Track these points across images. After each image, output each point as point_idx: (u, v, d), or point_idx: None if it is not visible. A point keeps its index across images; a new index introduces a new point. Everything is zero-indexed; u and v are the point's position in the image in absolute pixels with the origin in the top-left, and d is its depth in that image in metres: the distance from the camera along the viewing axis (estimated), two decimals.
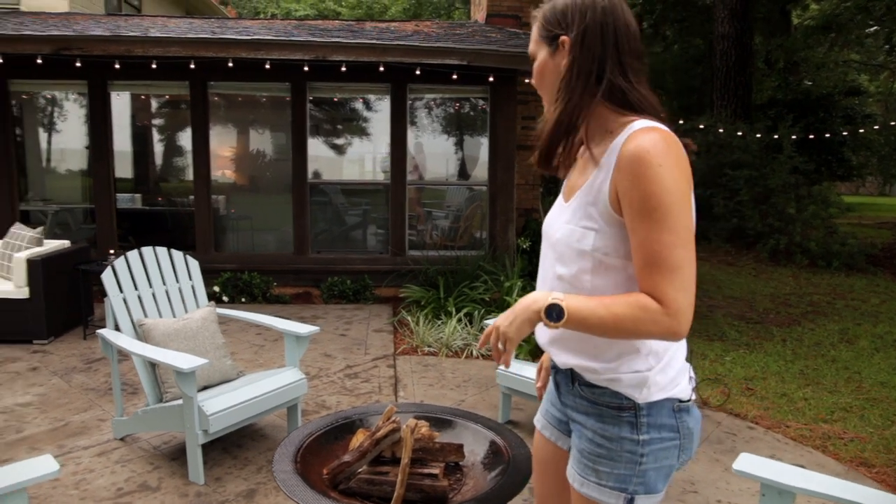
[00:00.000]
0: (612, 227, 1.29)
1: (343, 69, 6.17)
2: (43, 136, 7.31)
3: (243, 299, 6.57)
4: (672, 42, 15.69)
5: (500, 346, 1.32)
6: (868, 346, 5.98)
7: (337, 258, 7.09)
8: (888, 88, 22.52)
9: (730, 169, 10.43)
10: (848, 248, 10.14)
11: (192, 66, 6.07)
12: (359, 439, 2.47)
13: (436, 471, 2.41)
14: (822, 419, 4.13)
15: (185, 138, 7.07)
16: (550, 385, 1.61)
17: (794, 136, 10.44)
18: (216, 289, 6.59)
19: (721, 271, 9.42)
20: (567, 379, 1.45)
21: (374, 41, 6.01)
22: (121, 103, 7.02)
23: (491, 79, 6.42)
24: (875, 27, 17.99)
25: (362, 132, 7.54)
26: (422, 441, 2.46)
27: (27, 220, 7.01)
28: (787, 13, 16.49)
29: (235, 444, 3.33)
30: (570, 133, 1.34)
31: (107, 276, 3.24)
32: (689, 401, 1.38)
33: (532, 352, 4.91)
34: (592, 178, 1.32)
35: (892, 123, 13.94)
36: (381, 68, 6.16)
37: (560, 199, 1.47)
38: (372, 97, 7.31)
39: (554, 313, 1.25)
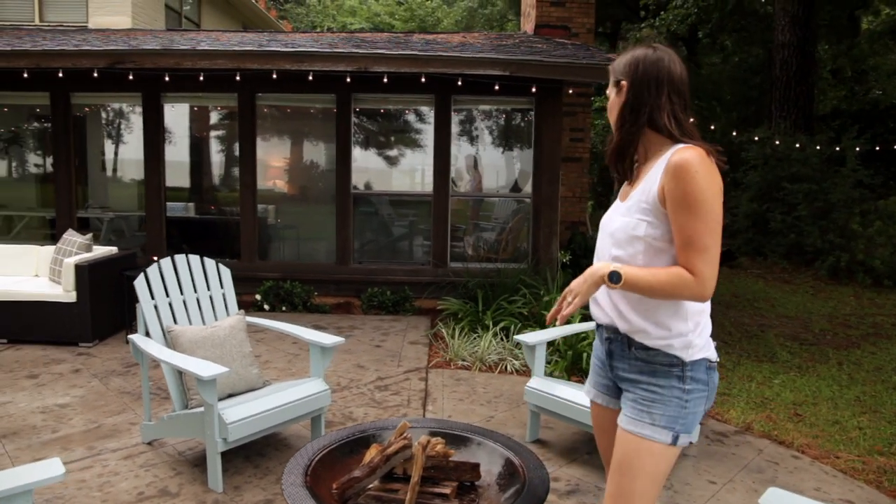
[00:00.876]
0: (658, 219, 1.73)
1: (385, 80, 6.19)
2: (102, 146, 7.61)
3: (284, 308, 6.65)
4: (731, 52, 15.25)
5: (568, 299, 1.74)
6: None
7: (378, 269, 7.11)
8: None
9: (788, 182, 10.01)
10: None
11: (238, 77, 6.20)
12: (372, 454, 2.42)
13: (447, 490, 2.33)
14: (879, 451, 3.86)
15: (235, 149, 7.23)
16: (596, 361, 2.03)
17: (857, 149, 9.95)
18: (258, 297, 6.69)
19: (776, 289, 9.03)
20: (623, 346, 1.83)
21: (415, 52, 6.02)
22: (174, 115, 7.24)
23: (534, 89, 6.33)
24: None
25: (407, 143, 7.56)
26: (435, 459, 2.39)
27: (86, 226, 7.30)
28: (855, 19, 15.82)
29: (258, 453, 3.33)
30: (626, 152, 1.82)
31: (139, 283, 3.30)
32: (716, 362, 1.81)
33: (568, 368, 4.78)
34: (644, 184, 1.77)
35: None
36: (423, 79, 6.15)
37: (617, 200, 1.91)
38: (416, 108, 7.33)
39: (615, 277, 1.67)
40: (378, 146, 7.52)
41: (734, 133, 10.93)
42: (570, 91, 7.28)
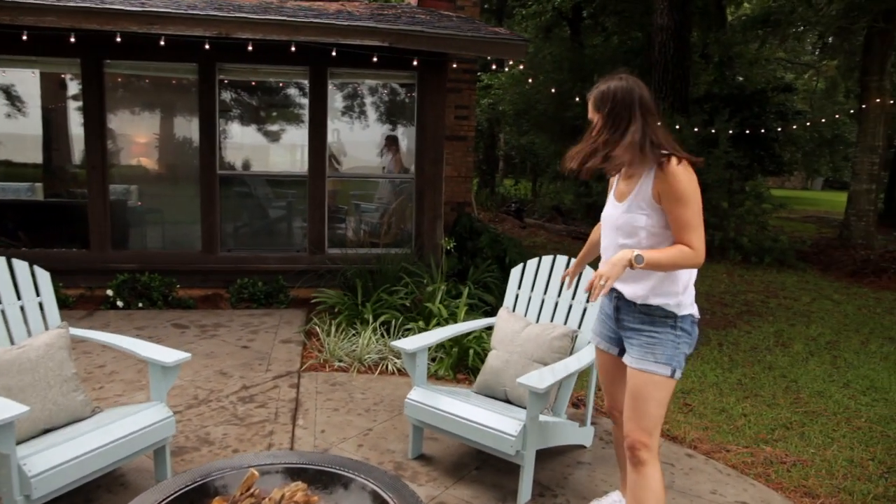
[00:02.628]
0: (654, 212, 2.22)
1: (251, 48, 5.54)
2: None
3: (141, 304, 5.89)
4: (612, 33, 15.50)
5: (600, 282, 2.09)
6: (802, 350, 5.80)
7: (249, 257, 6.47)
8: (812, 87, 23.14)
9: None
10: (780, 245, 10.13)
11: (74, 39, 5.33)
12: None
13: None
14: (763, 439, 3.83)
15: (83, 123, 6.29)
16: (602, 315, 2.56)
17: (731, 131, 10.33)
18: (109, 293, 5.88)
19: None
20: (630, 304, 2.34)
21: (283, 18, 5.40)
22: (9, 81, 6.20)
23: (416, 63, 5.90)
24: (802, 27, 18.44)
25: (281, 120, 6.92)
26: None
27: None
28: (722, 8, 16.54)
29: (85, 499, 2.74)
30: (594, 157, 2.20)
31: None
32: (698, 319, 2.34)
33: (454, 366, 4.46)
34: (638, 187, 2.24)
35: (823, 120, 14.13)
36: (294, 48, 5.56)
37: (613, 199, 2.39)
38: (290, 82, 6.70)
39: (639, 259, 2.10)
40: (248, 122, 6.83)
41: None
42: (455, 66, 6.90)
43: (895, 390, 4.88)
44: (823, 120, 14.53)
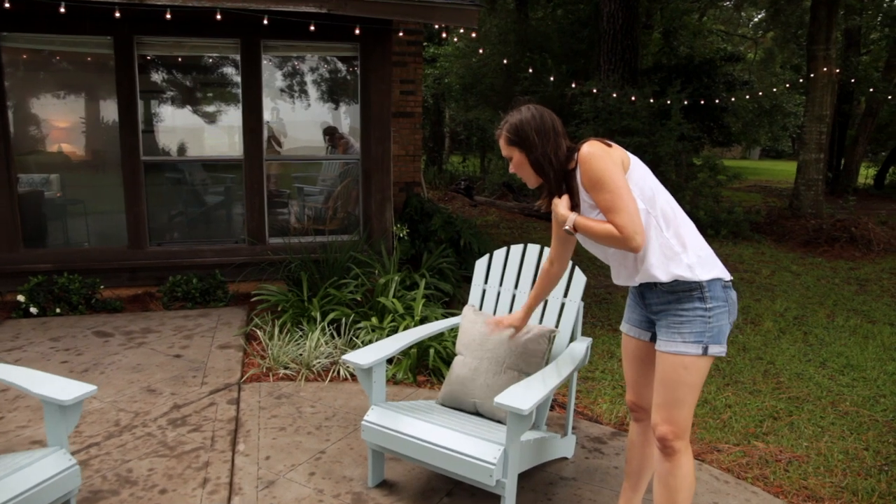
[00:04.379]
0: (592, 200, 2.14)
1: (169, 16, 4.90)
2: None
3: (59, 310, 5.24)
4: (557, 4, 15.10)
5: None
6: (773, 328, 5.60)
7: (182, 251, 5.87)
8: (750, 58, 23.42)
9: (620, 136, 9.96)
10: (734, 217, 10.02)
11: None
12: None
13: None
14: (753, 434, 3.55)
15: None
16: (631, 301, 2.40)
17: (685, 102, 10.11)
18: (21, 298, 5.22)
19: None
20: (650, 286, 2.20)
21: None
22: None
23: (358, 31, 5.36)
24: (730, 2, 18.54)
25: (212, 99, 6.29)
26: None
27: None
28: None
29: None
30: (560, 186, 2.23)
31: None
32: (731, 280, 2.17)
33: (413, 367, 4.03)
34: (578, 189, 2.18)
35: (774, 90, 14.13)
36: (219, 16, 4.94)
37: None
38: (221, 56, 6.07)
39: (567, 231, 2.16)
40: (176, 103, 6.18)
41: (573, 85, 10.69)
42: (401, 34, 6.39)
43: (871, 367, 4.71)
44: (775, 90, 14.53)
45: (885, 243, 9.41)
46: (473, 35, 9.70)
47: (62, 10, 4.56)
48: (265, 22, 5.06)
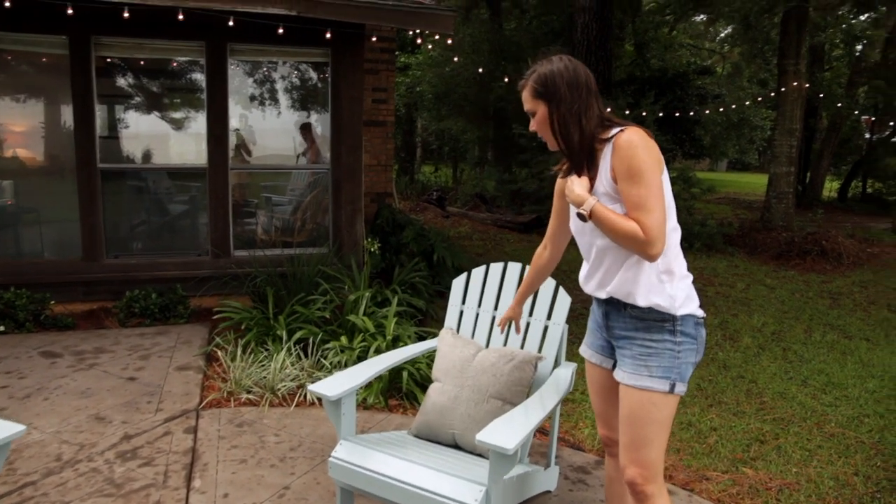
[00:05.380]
0: (613, 192, 1.89)
1: (128, 15, 4.63)
2: None
3: (2, 328, 4.89)
4: (533, 16, 15.05)
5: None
6: (752, 344, 5.50)
7: (141, 263, 5.57)
8: (719, 73, 23.77)
9: None
10: (707, 230, 10.00)
11: None
12: None
13: None
14: (741, 459, 3.40)
15: None
16: (592, 324, 2.23)
17: (660, 114, 10.08)
18: None
19: (578, 257, 8.85)
20: (618, 308, 2.01)
21: None
22: None
23: (329, 35, 5.15)
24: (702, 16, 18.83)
25: (176, 105, 6.00)
26: None
27: None
28: None
29: None
30: (583, 156, 1.95)
31: None
32: (703, 318, 1.98)
33: (385, 391, 3.81)
34: (600, 174, 1.92)
35: (747, 103, 14.24)
36: (182, 16, 4.69)
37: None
38: (186, 60, 5.79)
39: (581, 217, 1.90)
40: (138, 108, 5.87)
41: None
42: (374, 39, 6.20)
43: (852, 385, 4.63)
44: (747, 103, 14.66)
45: (854, 256, 9.47)
46: (449, 41, 9.54)
47: (7, 3, 4.26)
48: (231, 24, 4.82)
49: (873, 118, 20.02)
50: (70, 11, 4.57)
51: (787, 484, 3.17)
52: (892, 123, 18.80)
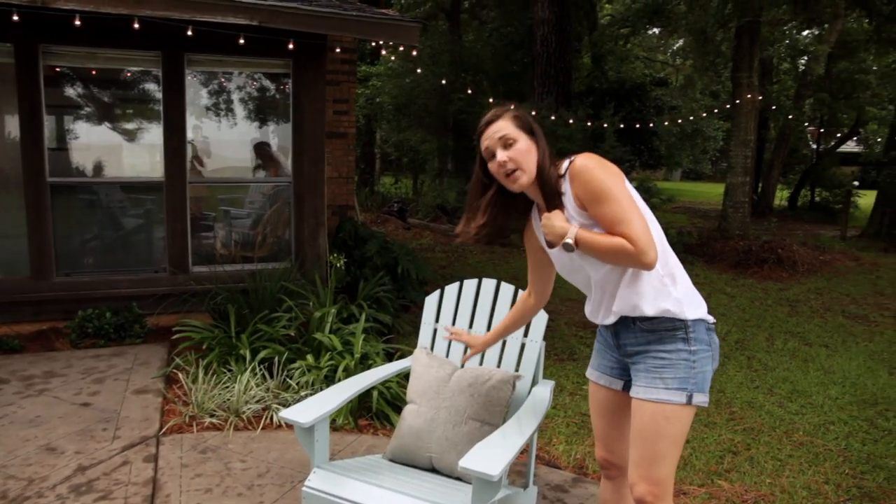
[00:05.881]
0: (586, 219, 1.89)
1: (79, 23, 4.44)
2: None
3: None
4: (493, 26, 15.15)
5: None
6: None
7: (95, 281, 5.33)
8: (673, 85, 24.37)
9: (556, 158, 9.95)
10: (668, 239, 10.13)
11: None
12: None
13: None
14: (716, 472, 3.39)
15: None
16: (599, 345, 2.18)
17: (622, 125, 10.22)
18: None
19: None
20: (627, 323, 1.97)
21: None
22: None
23: (291, 46, 5.04)
24: (656, 29, 19.29)
25: (131, 116, 5.79)
26: None
27: None
28: (594, 5, 16.74)
29: None
30: (556, 194, 1.94)
31: None
32: (714, 323, 1.96)
33: (355, 411, 3.70)
34: (567, 208, 1.93)
35: (704, 115, 14.56)
36: (137, 25, 4.52)
37: (548, 247, 2.07)
38: (141, 70, 5.60)
39: (568, 247, 1.85)
40: (90, 119, 5.65)
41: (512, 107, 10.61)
42: (339, 50, 6.10)
43: (815, 392, 4.70)
44: (703, 115, 14.99)
45: (808, 264, 9.72)
46: (414, 53, 9.49)
47: None
48: (189, 33, 4.67)
49: (821, 129, 20.75)
50: (15, 18, 4.36)
51: (763, 496, 3.17)
52: (839, 136, 19.48)
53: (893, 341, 6.21)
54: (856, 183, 17.92)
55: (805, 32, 19.76)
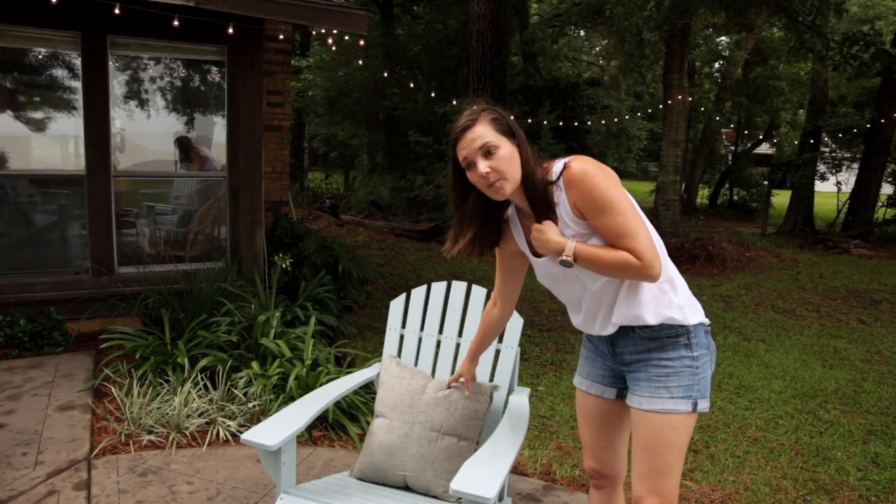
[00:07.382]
0: (583, 228, 1.77)
1: None
2: None
3: None
4: (426, 22, 14.98)
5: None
6: None
7: (3, 284, 4.84)
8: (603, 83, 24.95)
9: None
10: None
11: None
12: None
13: None
14: (687, 477, 3.36)
15: None
16: (588, 352, 2.07)
17: (561, 122, 10.26)
18: None
19: (489, 265, 8.82)
20: (625, 331, 1.85)
21: None
22: None
23: (231, 30, 4.71)
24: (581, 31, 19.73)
25: (45, 103, 5.29)
26: None
27: None
28: (525, 3, 16.85)
29: None
30: (547, 200, 1.79)
31: None
32: (710, 325, 1.89)
33: (309, 427, 3.45)
34: (561, 216, 1.79)
35: (616, 119, 14.86)
36: (55, 1, 4.10)
37: (532, 255, 1.93)
38: (58, 52, 5.11)
39: (566, 264, 1.74)
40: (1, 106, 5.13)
41: (454, 102, 10.49)
42: (280, 37, 5.78)
43: (760, 387, 4.80)
44: (627, 116, 15.32)
45: (736, 260, 10.06)
46: (361, 42, 9.18)
47: None
48: (117, 11, 4.27)
49: (740, 131, 21.68)
50: None
51: (728, 495, 3.16)
52: (760, 137, 20.39)
53: (821, 334, 6.45)
54: (765, 182, 18.82)
55: (722, 38, 20.64)
